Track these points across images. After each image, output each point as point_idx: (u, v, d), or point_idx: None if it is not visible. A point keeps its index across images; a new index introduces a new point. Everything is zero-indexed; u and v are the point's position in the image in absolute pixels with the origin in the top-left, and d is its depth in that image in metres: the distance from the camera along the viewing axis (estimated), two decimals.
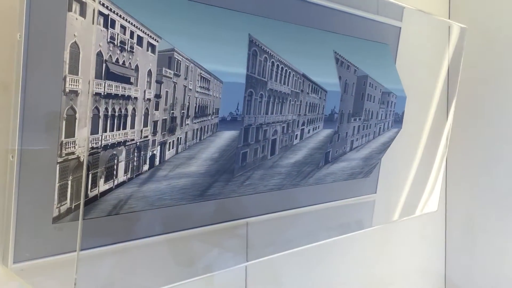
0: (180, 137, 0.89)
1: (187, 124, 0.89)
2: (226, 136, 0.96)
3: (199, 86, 0.89)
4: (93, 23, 0.80)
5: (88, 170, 0.87)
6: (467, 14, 2.11)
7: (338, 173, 1.44)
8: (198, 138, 0.91)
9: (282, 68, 1.07)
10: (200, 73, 0.89)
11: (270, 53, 1.05)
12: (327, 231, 1.57)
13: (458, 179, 2.13)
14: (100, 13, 0.83)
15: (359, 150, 1.37)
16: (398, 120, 1.44)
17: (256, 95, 1.06)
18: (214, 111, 0.92)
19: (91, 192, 0.88)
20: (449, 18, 2.15)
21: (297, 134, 1.13)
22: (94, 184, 0.87)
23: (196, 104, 0.89)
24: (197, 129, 0.91)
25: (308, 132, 1.15)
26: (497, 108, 2.01)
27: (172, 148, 0.89)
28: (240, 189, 1.15)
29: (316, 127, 1.16)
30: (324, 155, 1.32)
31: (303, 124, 1.13)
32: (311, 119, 1.14)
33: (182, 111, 0.88)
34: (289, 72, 1.08)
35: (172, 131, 0.88)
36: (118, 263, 1.04)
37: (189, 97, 0.88)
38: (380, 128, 1.38)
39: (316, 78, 1.13)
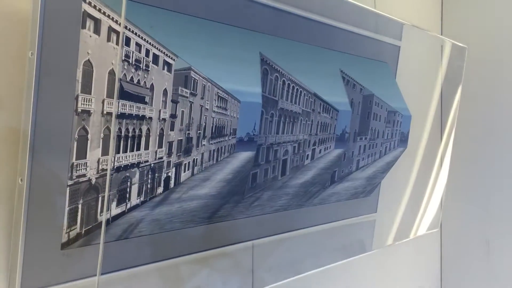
0: (196, 159, 0.86)
1: (204, 145, 0.87)
2: (242, 157, 0.93)
3: (216, 106, 0.86)
4: (118, 44, 0.77)
5: (98, 193, 0.84)
6: (459, 31, 2.14)
7: (341, 193, 1.42)
8: (214, 159, 0.89)
9: (293, 87, 1.05)
10: (218, 92, 0.86)
11: (281, 72, 1.04)
12: (330, 252, 1.55)
13: (453, 198, 2.13)
14: (114, 30, 0.80)
15: (364, 169, 1.35)
16: (403, 139, 1.43)
17: (267, 114, 1.04)
18: (232, 131, 0.90)
19: (101, 215, 0.84)
20: (441, 34, 2.17)
21: (308, 154, 1.11)
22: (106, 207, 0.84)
23: (213, 124, 0.86)
24: (213, 150, 0.88)
25: (320, 152, 1.13)
26: (495, 127, 2.02)
27: (188, 169, 0.86)
28: (248, 210, 1.13)
29: (327, 147, 1.14)
30: (331, 175, 1.30)
31: (314, 144, 1.11)
32: (322, 139, 1.13)
33: (199, 132, 0.85)
34: (300, 91, 1.07)
35: (188, 152, 0.85)
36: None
37: (206, 117, 0.85)
38: (386, 147, 1.37)
39: (327, 98, 1.11)
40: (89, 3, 0.79)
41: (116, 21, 0.80)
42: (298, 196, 1.24)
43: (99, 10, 0.79)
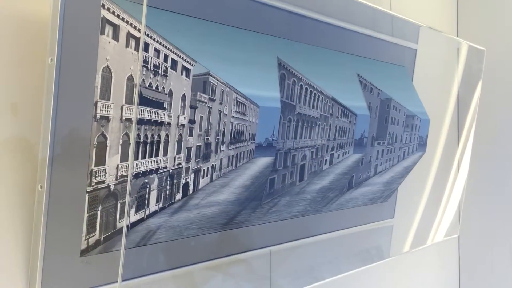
0: (215, 164, 0.85)
1: (222, 150, 0.86)
2: (261, 162, 0.92)
3: (235, 111, 0.86)
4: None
5: (117, 199, 0.83)
6: (476, 33, 2.11)
7: (359, 198, 1.40)
8: (233, 165, 0.88)
9: (311, 91, 1.04)
10: (236, 97, 0.85)
11: (299, 76, 1.03)
12: (348, 258, 1.54)
13: (472, 202, 2.09)
14: (132, 36, 0.80)
15: (382, 174, 1.34)
16: (422, 144, 1.41)
17: (284, 119, 1.03)
18: (251, 136, 0.89)
19: (119, 222, 0.83)
20: (457, 36, 2.15)
21: (326, 159, 1.10)
22: (124, 214, 0.83)
23: (231, 129, 0.85)
24: (232, 155, 0.87)
25: (338, 157, 1.12)
26: None
27: (207, 175, 0.86)
28: (266, 216, 1.12)
29: (346, 152, 1.13)
30: (349, 180, 1.28)
31: (332, 149, 1.10)
32: (341, 144, 1.11)
33: (217, 137, 0.85)
34: (318, 95, 1.05)
35: (206, 158, 0.85)
36: None
37: (225, 123, 0.85)
38: (404, 152, 1.35)
39: (345, 102, 1.10)
40: (108, 9, 0.78)
41: (135, 27, 0.80)
42: (315, 202, 1.23)
43: (118, 16, 0.79)
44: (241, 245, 1.14)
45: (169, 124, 0.82)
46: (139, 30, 0.80)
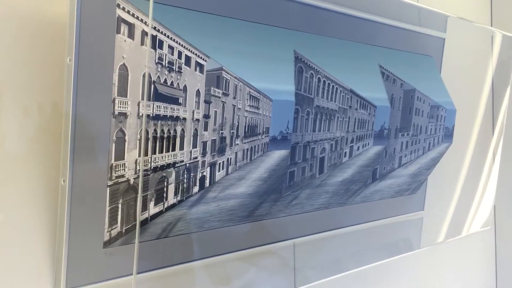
0: (230, 158, 0.87)
1: (237, 144, 0.87)
2: (276, 155, 0.93)
3: (249, 105, 0.87)
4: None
5: (137, 193, 0.86)
6: (510, 21, 2.05)
7: (384, 190, 1.39)
8: (248, 158, 0.89)
9: (328, 84, 1.05)
10: (249, 91, 0.87)
11: (316, 69, 1.03)
12: (375, 250, 1.53)
13: (507, 193, 2.04)
14: (147, 34, 0.82)
15: (407, 166, 1.32)
16: (448, 135, 1.39)
17: (303, 112, 1.03)
18: (265, 130, 0.90)
19: (141, 215, 0.86)
20: (491, 26, 2.09)
21: (346, 152, 1.10)
22: (144, 207, 0.86)
23: (245, 123, 0.87)
24: (247, 149, 0.89)
25: (358, 149, 1.11)
26: None
27: (222, 169, 0.87)
28: (287, 209, 1.12)
29: (365, 144, 1.12)
30: (372, 172, 1.28)
31: (352, 141, 1.10)
32: (360, 136, 1.11)
33: (232, 131, 0.86)
34: (336, 88, 1.05)
35: (222, 151, 0.86)
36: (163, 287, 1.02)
37: (239, 117, 0.86)
38: (429, 143, 1.33)
39: (364, 93, 1.09)
40: (123, 9, 0.81)
41: (151, 25, 0.82)
42: (338, 195, 1.23)
43: (133, 15, 0.82)
44: (264, 238, 1.15)
45: (184, 119, 0.84)
46: (154, 28, 0.83)
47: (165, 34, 0.82)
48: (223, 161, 0.87)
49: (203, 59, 0.84)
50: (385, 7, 1.34)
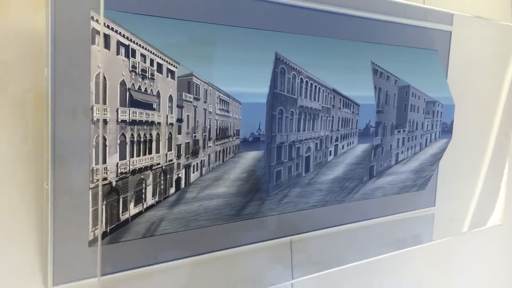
0: (204, 160, 0.91)
1: (210, 146, 0.91)
2: (250, 156, 0.96)
3: (219, 109, 0.90)
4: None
5: (119, 194, 0.91)
6: None
7: (387, 187, 1.39)
8: (220, 160, 0.92)
9: (311, 84, 1.06)
10: (219, 95, 0.90)
11: (299, 70, 1.05)
12: (381, 247, 1.52)
13: None
14: (121, 43, 0.87)
15: (406, 162, 1.32)
16: (447, 130, 1.37)
17: (287, 112, 1.05)
18: (235, 132, 0.93)
19: (122, 215, 0.91)
20: None
21: (331, 150, 1.11)
22: (125, 208, 0.91)
23: (217, 126, 0.90)
24: (219, 151, 0.92)
25: (342, 148, 1.12)
26: None
27: (196, 170, 0.91)
28: (279, 207, 1.15)
29: (350, 142, 1.13)
30: (368, 170, 1.28)
31: (336, 140, 1.11)
32: (344, 135, 1.12)
33: (204, 134, 0.90)
34: (319, 87, 1.07)
35: (195, 154, 0.90)
36: (162, 282, 1.06)
37: (210, 120, 0.90)
38: (426, 139, 1.32)
39: (351, 92, 1.10)
40: (97, 21, 0.86)
41: (123, 35, 0.87)
42: (334, 192, 1.24)
43: (108, 26, 0.86)
44: (259, 235, 1.17)
45: (159, 123, 0.88)
46: (127, 38, 0.87)
47: (137, 43, 0.86)
48: (196, 163, 0.91)
49: (174, 66, 0.87)
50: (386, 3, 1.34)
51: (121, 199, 0.90)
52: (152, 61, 0.87)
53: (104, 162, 0.89)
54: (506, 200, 1.76)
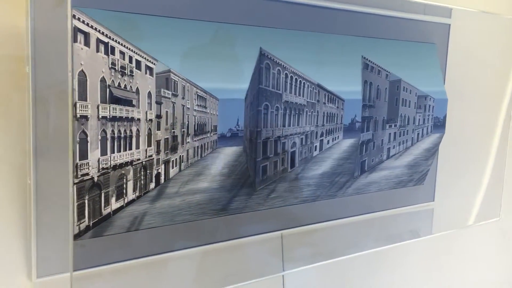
0: (182, 155, 0.92)
1: (188, 142, 0.92)
2: (230, 152, 0.97)
3: (197, 105, 0.91)
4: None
5: (101, 189, 0.93)
6: None
7: (381, 182, 1.39)
8: (199, 155, 0.93)
9: (296, 79, 1.06)
10: (197, 91, 0.91)
11: (283, 65, 1.05)
12: (376, 241, 1.52)
13: None
14: (101, 41, 0.88)
15: (398, 157, 1.31)
16: (439, 125, 1.36)
17: (272, 108, 1.06)
18: (213, 128, 0.94)
19: (104, 210, 0.93)
20: None
21: (316, 146, 1.11)
22: (107, 202, 0.93)
23: (195, 122, 0.91)
24: (197, 146, 0.93)
25: (328, 143, 1.12)
26: None
27: (175, 166, 0.92)
28: (267, 202, 1.15)
29: (335, 137, 1.13)
30: (360, 165, 1.28)
31: (321, 135, 1.11)
32: (329, 130, 1.12)
33: (182, 130, 0.91)
34: (304, 82, 1.07)
35: (174, 149, 0.91)
36: (156, 275, 1.08)
37: (188, 116, 0.91)
38: (418, 134, 1.31)
39: (336, 87, 1.10)
40: (78, 19, 0.87)
41: (103, 33, 0.88)
42: (323, 187, 1.24)
43: (87, 24, 0.88)
44: (248, 229, 1.18)
45: (138, 119, 0.89)
46: (106, 36, 0.88)
47: (115, 40, 0.87)
48: (175, 159, 0.92)
49: (152, 63, 0.88)
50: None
51: (103, 194, 0.92)
52: (131, 58, 0.88)
53: (86, 157, 0.91)
54: (506, 195, 1.74)
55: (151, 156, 0.91)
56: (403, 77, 1.27)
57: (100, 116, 0.90)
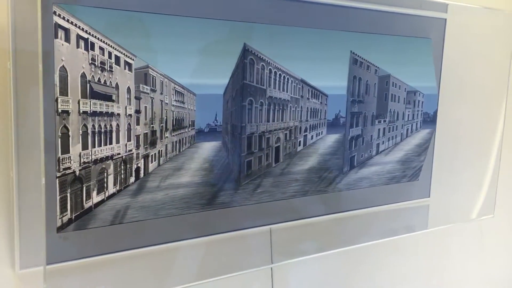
0: (161, 150, 0.93)
1: (167, 137, 0.93)
2: (209, 146, 0.98)
3: (175, 100, 0.92)
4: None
5: (82, 183, 0.94)
6: None
7: (373, 178, 1.38)
8: (177, 150, 0.94)
9: (280, 74, 1.06)
10: (174, 87, 0.92)
11: (267, 61, 1.05)
12: (370, 236, 1.52)
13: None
14: (81, 37, 0.89)
15: (388, 153, 1.30)
16: (429, 120, 1.35)
17: (257, 103, 1.06)
18: (190, 123, 0.95)
19: (86, 203, 0.94)
20: None
21: (300, 141, 1.11)
22: (88, 196, 0.94)
23: (173, 117, 0.92)
24: (176, 141, 0.94)
25: (312, 138, 1.12)
26: None
27: (155, 160, 0.93)
28: (253, 197, 1.16)
29: (319, 132, 1.13)
30: (349, 160, 1.28)
31: (305, 130, 1.11)
32: (313, 125, 1.12)
33: (161, 125, 0.92)
34: (287, 78, 1.07)
35: (153, 144, 0.92)
36: (144, 266, 1.10)
37: (166, 111, 0.92)
38: (407, 129, 1.30)
39: (321, 82, 1.10)
40: (59, 15, 0.88)
41: (83, 29, 0.89)
42: (312, 182, 1.24)
43: (68, 21, 0.89)
44: (235, 223, 1.19)
45: (118, 114, 0.90)
46: (86, 32, 0.89)
47: (95, 37, 0.88)
48: (154, 153, 0.93)
49: (131, 58, 0.89)
50: None
51: (84, 188, 0.94)
52: (110, 53, 0.89)
53: (68, 152, 0.92)
54: (500, 192, 1.72)
55: (130, 150, 0.92)
56: (395, 73, 1.26)
57: (81, 111, 0.91)
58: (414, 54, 1.37)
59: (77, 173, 0.93)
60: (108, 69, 0.89)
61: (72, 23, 0.89)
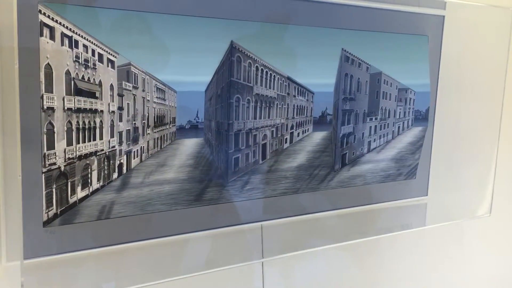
0: (143, 146, 0.94)
1: (148, 133, 0.94)
2: (190, 143, 0.98)
3: (156, 97, 0.93)
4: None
5: (67, 178, 0.96)
6: None
7: (367, 176, 1.38)
8: (158, 146, 0.95)
9: (266, 72, 1.07)
10: (156, 84, 0.93)
11: (254, 58, 1.06)
12: (366, 234, 1.51)
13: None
14: (65, 35, 0.91)
15: (380, 151, 1.30)
16: (421, 118, 1.34)
17: (244, 100, 1.07)
18: (171, 120, 0.96)
19: (71, 198, 0.96)
20: None
21: (286, 138, 1.11)
22: (73, 191, 0.96)
23: (154, 114, 0.93)
24: (157, 138, 0.95)
25: (298, 136, 1.13)
26: None
27: (137, 156, 0.94)
28: (243, 193, 1.17)
29: (305, 130, 1.13)
30: (341, 158, 1.27)
31: (292, 128, 1.12)
32: (299, 122, 1.12)
33: (143, 121, 0.93)
34: (274, 75, 1.07)
35: (135, 140, 0.93)
36: (136, 260, 1.11)
37: (148, 108, 0.93)
38: (399, 127, 1.30)
39: (307, 80, 1.10)
40: (44, 14, 0.90)
41: (67, 27, 0.91)
42: (303, 180, 1.24)
43: (52, 19, 0.90)
44: (224, 220, 1.20)
45: (102, 111, 0.92)
46: (70, 30, 0.91)
47: (78, 34, 0.90)
48: (137, 150, 0.94)
49: (114, 56, 0.91)
50: None
51: (69, 183, 0.95)
52: (93, 51, 0.90)
53: (53, 148, 0.94)
54: (497, 190, 1.70)
55: (114, 147, 0.94)
56: (387, 70, 1.26)
57: (65, 108, 0.93)
58: (409, 51, 1.36)
59: (62, 168, 0.95)
60: (92, 66, 0.91)
61: (57, 21, 0.91)
